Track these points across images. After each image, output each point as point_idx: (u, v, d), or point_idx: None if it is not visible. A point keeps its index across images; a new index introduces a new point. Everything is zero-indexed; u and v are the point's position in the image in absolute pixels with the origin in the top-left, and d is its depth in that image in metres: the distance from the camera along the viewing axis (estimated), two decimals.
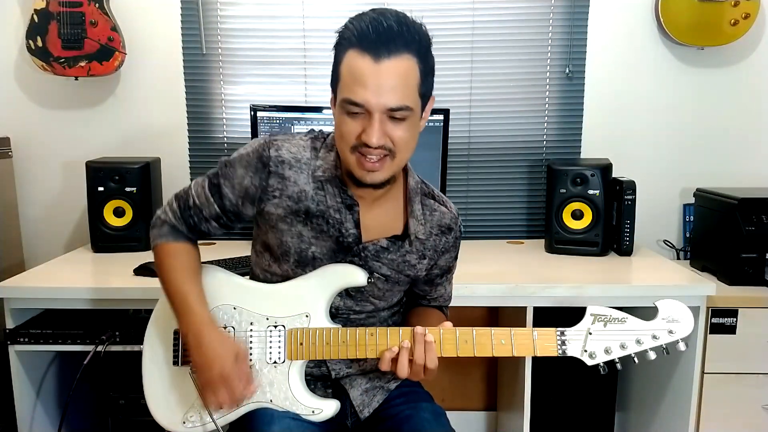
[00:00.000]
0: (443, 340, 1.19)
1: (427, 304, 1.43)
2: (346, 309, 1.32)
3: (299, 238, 1.26)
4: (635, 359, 1.18)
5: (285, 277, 1.30)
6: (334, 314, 1.31)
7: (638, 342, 1.17)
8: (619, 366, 1.18)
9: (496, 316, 2.36)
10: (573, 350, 1.18)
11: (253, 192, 1.26)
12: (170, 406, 1.29)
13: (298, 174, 1.25)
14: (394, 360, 1.18)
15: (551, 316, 1.70)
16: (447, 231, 1.33)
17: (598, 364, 1.18)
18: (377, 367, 1.38)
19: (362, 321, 1.34)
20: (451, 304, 1.47)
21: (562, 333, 1.18)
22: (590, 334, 1.17)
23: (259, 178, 1.24)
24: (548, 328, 1.19)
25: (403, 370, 1.18)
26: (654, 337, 1.17)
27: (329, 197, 1.25)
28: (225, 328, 1.28)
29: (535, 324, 1.74)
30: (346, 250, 1.27)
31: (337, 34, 1.15)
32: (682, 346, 1.18)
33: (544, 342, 1.18)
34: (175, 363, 1.31)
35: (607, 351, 1.17)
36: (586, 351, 1.17)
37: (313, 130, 1.32)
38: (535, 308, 1.77)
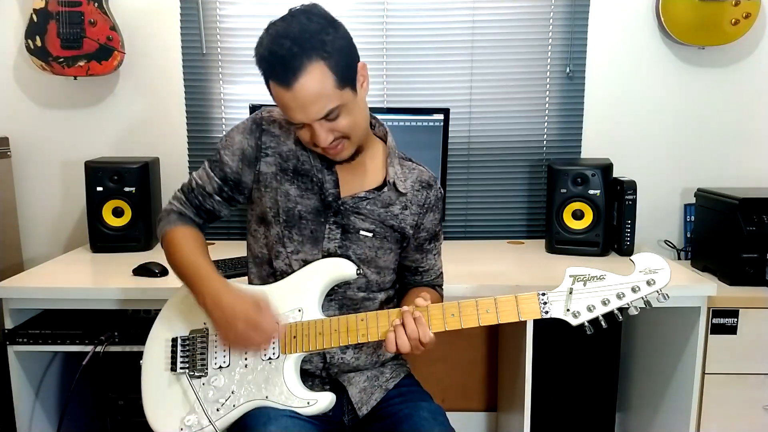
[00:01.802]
0: (431, 317, 1.22)
1: (420, 280, 1.47)
2: (341, 286, 1.35)
3: (286, 196, 1.34)
4: (619, 316, 1.18)
5: (279, 242, 1.34)
6: (329, 294, 1.34)
7: (620, 296, 1.17)
8: (603, 324, 1.17)
9: None
10: (556, 311, 1.18)
11: (249, 153, 1.35)
12: (167, 413, 1.30)
13: (288, 134, 1.35)
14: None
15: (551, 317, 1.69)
16: (427, 187, 1.40)
17: (582, 324, 1.17)
18: (375, 363, 1.39)
19: (357, 306, 1.36)
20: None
21: (544, 294, 1.19)
22: (571, 293, 1.17)
23: (254, 138, 1.35)
24: (529, 293, 1.20)
25: (405, 346, 1.21)
26: (634, 290, 1.17)
27: (312, 158, 1.34)
28: None
29: (536, 327, 1.73)
30: (327, 207, 1.33)
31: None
32: (662, 299, 1.17)
33: (527, 306, 1.19)
34: (173, 369, 1.33)
35: (590, 309, 1.17)
36: (569, 311, 1.17)
37: None
38: None
